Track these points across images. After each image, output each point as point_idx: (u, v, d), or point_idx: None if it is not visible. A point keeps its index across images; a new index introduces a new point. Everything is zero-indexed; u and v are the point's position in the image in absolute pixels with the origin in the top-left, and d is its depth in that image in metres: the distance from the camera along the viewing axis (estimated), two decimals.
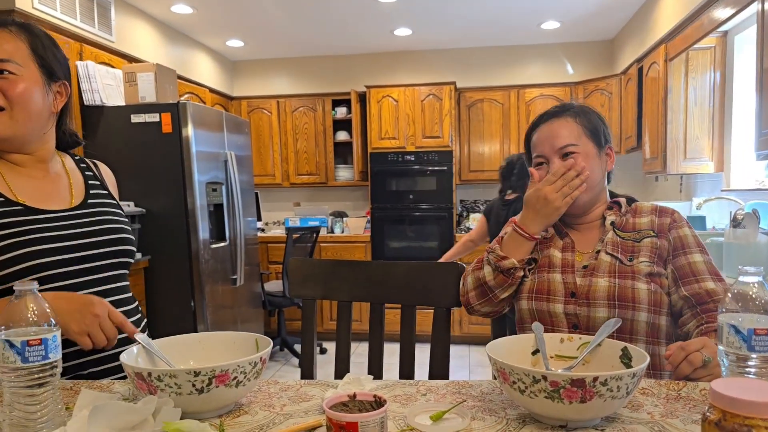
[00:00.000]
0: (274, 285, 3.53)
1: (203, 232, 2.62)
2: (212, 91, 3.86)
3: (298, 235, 3.35)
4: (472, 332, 3.68)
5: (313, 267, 1.12)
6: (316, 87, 4.14)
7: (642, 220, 1.01)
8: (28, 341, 0.57)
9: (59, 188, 0.94)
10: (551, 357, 0.77)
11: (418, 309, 1.06)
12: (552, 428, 0.62)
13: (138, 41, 3.05)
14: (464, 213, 4.01)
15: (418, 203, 3.74)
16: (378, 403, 0.59)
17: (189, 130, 2.53)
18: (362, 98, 3.92)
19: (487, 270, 0.99)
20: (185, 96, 3.39)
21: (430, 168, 3.71)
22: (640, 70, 3.11)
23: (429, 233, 3.73)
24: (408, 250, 3.75)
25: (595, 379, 0.58)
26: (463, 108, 3.90)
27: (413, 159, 3.73)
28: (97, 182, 1.01)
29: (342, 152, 4.15)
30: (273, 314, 3.87)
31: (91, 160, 1.05)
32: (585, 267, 0.97)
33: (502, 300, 1.00)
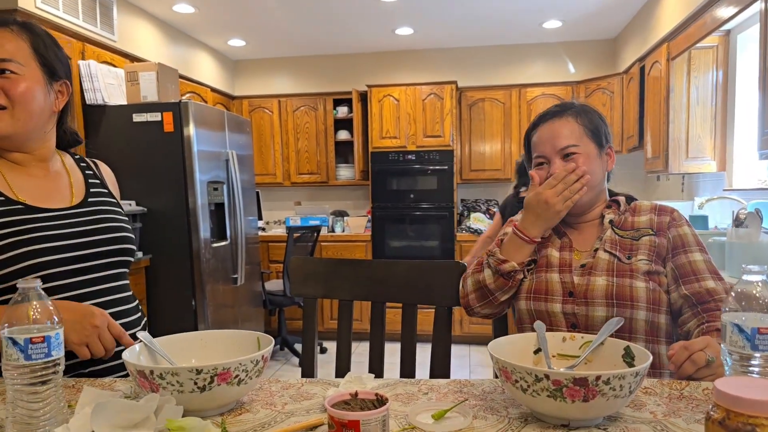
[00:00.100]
0: (275, 284, 3.53)
1: (204, 231, 2.62)
2: (214, 91, 3.86)
3: (299, 235, 3.35)
4: (473, 332, 3.68)
5: (315, 266, 1.12)
6: (318, 86, 4.14)
7: (641, 219, 1.00)
8: (31, 339, 0.57)
9: (59, 187, 0.95)
10: (553, 356, 0.77)
11: (418, 309, 1.06)
12: (554, 427, 0.62)
13: (140, 41, 3.05)
14: (465, 212, 4.00)
15: (419, 202, 3.73)
16: (380, 402, 0.59)
17: (190, 130, 2.53)
18: (363, 97, 3.92)
19: (487, 273, 0.99)
20: (187, 95, 3.40)
21: (431, 167, 3.70)
22: (642, 69, 3.11)
23: (430, 233, 3.73)
24: (409, 250, 3.75)
25: (598, 378, 0.57)
26: (465, 107, 3.89)
27: (414, 158, 3.73)
28: (97, 181, 1.01)
29: (343, 151, 4.15)
30: (273, 313, 3.87)
31: (91, 159, 1.05)
32: (583, 266, 0.97)
33: (503, 302, 1.00)
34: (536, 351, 0.78)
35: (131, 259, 0.99)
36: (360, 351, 3.39)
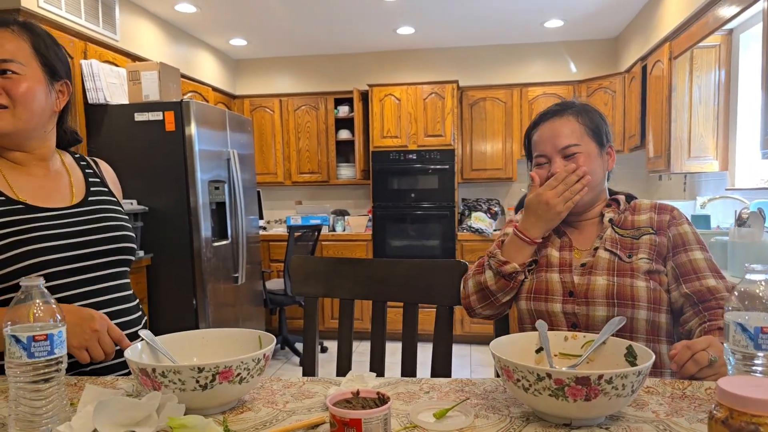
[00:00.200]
0: (276, 283, 3.53)
1: (205, 231, 2.62)
2: (215, 90, 3.86)
3: (300, 234, 3.35)
4: (474, 331, 3.67)
5: (316, 265, 1.12)
6: (319, 86, 4.14)
7: (641, 218, 1.00)
8: (34, 337, 0.57)
9: (60, 186, 0.95)
10: (555, 355, 0.77)
11: (419, 308, 1.06)
12: (556, 426, 0.62)
13: (142, 40, 3.05)
14: (466, 212, 4.00)
15: (420, 202, 3.73)
16: (381, 401, 0.59)
17: (192, 129, 2.54)
18: (364, 97, 3.92)
19: (489, 274, 0.99)
20: (188, 94, 3.40)
21: (432, 167, 3.70)
22: (644, 69, 3.10)
23: (430, 232, 3.73)
24: (409, 249, 3.75)
25: (600, 377, 0.57)
26: (466, 106, 3.89)
27: (415, 158, 3.72)
28: (98, 180, 1.01)
29: (344, 151, 4.15)
30: (274, 312, 3.88)
31: (92, 158, 1.05)
32: (583, 265, 0.97)
33: (504, 303, 1.00)
34: (538, 350, 0.78)
35: (132, 258, 0.99)
36: (360, 350, 3.39)
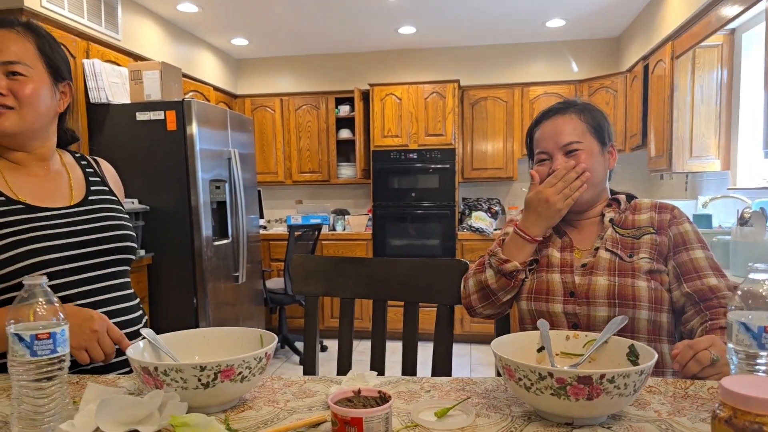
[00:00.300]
0: (276, 282, 3.54)
1: (206, 230, 2.62)
2: (216, 89, 3.86)
3: (300, 233, 3.35)
4: (474, 330, 3.67)
5: (317, 264, 1.12)
6: (320, 85, 4.13)
7: (641, 217, 1.00)
8: (37, 335, 0.57)
9: (59, 186, 0.95)
10: (556, 354, 0.77)
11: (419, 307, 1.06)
12: (558, 426, 0.62)
13: (144, 40, 3.05)
14: (466, 211, 4.00)
15: (420, 201, 3.73)
16: (383, 399, 0.59)
17: (193, 128, 2.54)
18: (365, 96, 3.91)
19: (489, 273, 0.99)
20: (190, 94, 3.40)
21: (433, 166, 3.70)
22: (646, 68, 3.10)
23: (431, 231, 3.72)
24: (410, 248, 3.75)
25: (602, 377, 0.57)
26: (467, 106, 3.89)
27: (416, 157, 3.72)
28: (98, 179, 1.02)
29: (344, 150, 4.15)
30: (274, 311, 3.88)
31: (92, 157, 1.06)
32: (584, 265, 0.96)
33: (505, 303, 1.00)
34: (539, 349, 0.78)
35: (132, 257, 0.99)
36: (360, 349, 3.39)
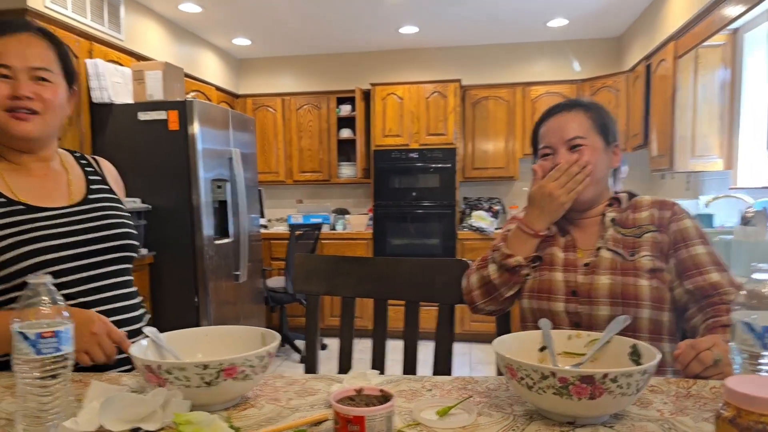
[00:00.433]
0: (277, 281, 3.54)
1: (207, 229, 2.62)
2: (218, 89, 3.87)
3: (301, 232, 3.35)
4: (474, 329, 3.67)
5: (318, 263, 1.12)
6: (321, 85, 4.13)
7: (642, 215, 1.00)
8: (42, 333, 0.57)
9: (59, 186, 0.95)
10: (558, 354, 0.77)
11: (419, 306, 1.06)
12: (560, 425, 0.62)
13: (146, 40, 3.06)
14: (467, 210, 3.99)
15: (421, 200, 3.73)
16: (384, 398, 0.59)
17: (195, 128, 2.54)
18: (366, 96, 3.91)
19: (492, 268, 0.99)
20: (192, 94, 3.40)
21: (434, 165, 3.70)
22: (648, 68, 3.09)
23: (431, 231, 3.72)
24: (410, 248, 3.74)
25: (605, 376, 0.57)
26: (468, 105, 3.88)
27: (417, 156, 3.72)
28: (99, 178, 1.02)
29: (345, 150, 4.15)
30: (275, 310, 3.88)
31: (92, 156, 1.06)
32: (586, 265, 0.96)
33: (507, 298, 1.00)
34: (541, 348, 0.77)
35: (134, 255, 0.99)
36: (360, 348, 3.38)
